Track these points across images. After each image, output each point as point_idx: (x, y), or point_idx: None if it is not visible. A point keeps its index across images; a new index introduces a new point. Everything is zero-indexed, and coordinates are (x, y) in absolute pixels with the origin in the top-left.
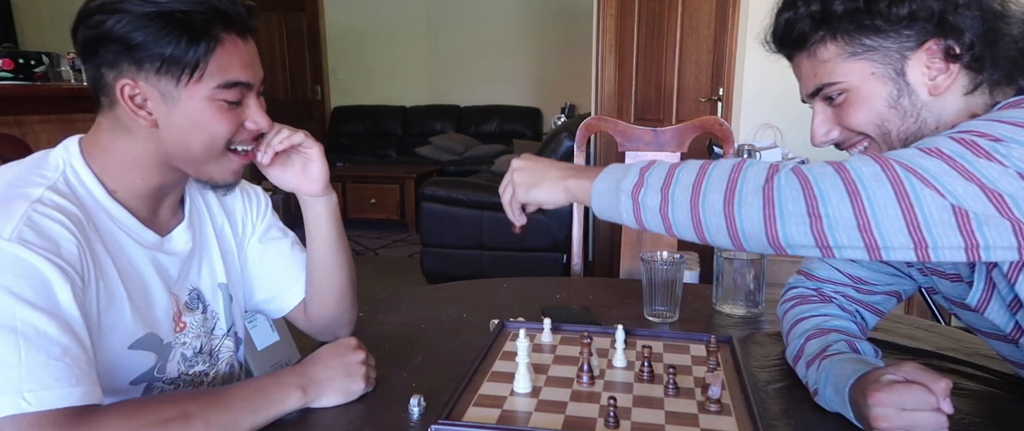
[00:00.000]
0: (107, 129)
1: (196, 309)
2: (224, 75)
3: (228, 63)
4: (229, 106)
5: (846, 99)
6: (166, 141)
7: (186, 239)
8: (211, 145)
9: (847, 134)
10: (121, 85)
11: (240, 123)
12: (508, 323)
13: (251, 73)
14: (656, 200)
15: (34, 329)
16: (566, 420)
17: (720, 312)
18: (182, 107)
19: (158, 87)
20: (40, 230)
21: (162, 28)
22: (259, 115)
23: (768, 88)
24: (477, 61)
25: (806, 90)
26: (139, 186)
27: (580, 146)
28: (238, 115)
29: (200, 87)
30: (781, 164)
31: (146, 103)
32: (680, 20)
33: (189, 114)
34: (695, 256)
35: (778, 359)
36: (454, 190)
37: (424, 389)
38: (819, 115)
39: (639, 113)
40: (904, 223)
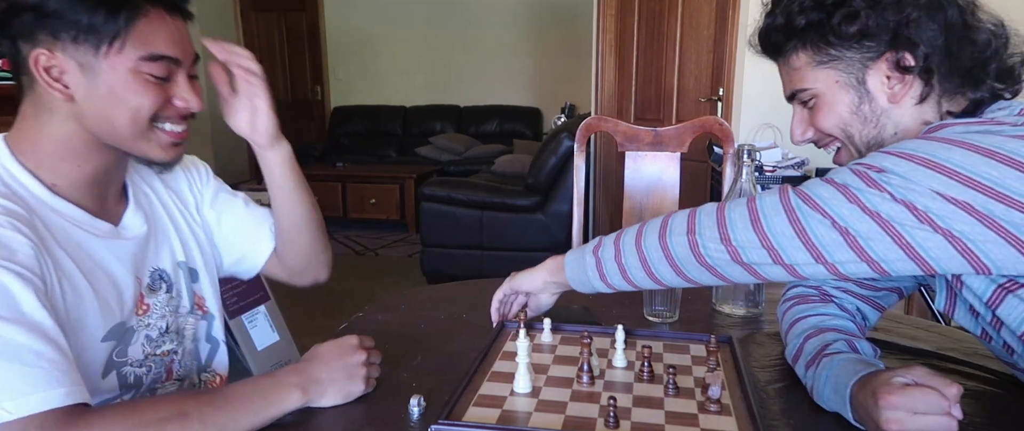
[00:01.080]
0: (30, 116)
1: (159, 290)
2: (149, 48)
3: (153, 37)
4: (155, 81)
5: (816, 104)
6: (88, 117)
7: (139, 222)
8: (135, 118)
9: (820, 135)
10: (35, 56)
11: (167, 99)
12: (508, 323)
13: (179, 50)
14: (611, 252)
15: (2, 340)
16: (566, 420)
17: (720, 312)
18: (104, 79)
19: (76, 57)
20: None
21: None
22: (189, 93)
23: (768, 88)
24: (477, 61)
25: (785, 93)
26: (77, 174)
27: (580, 146)
28: (165, 91)
29: (122, 58)
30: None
31: (62, 76)
32: (680, 20)
33: (111, 86)
34: None
35: (778, 359)
36: (454, 190)
37: (424, 389)
38: (796, 117)
39: (639, 113)
40: (800, 242)
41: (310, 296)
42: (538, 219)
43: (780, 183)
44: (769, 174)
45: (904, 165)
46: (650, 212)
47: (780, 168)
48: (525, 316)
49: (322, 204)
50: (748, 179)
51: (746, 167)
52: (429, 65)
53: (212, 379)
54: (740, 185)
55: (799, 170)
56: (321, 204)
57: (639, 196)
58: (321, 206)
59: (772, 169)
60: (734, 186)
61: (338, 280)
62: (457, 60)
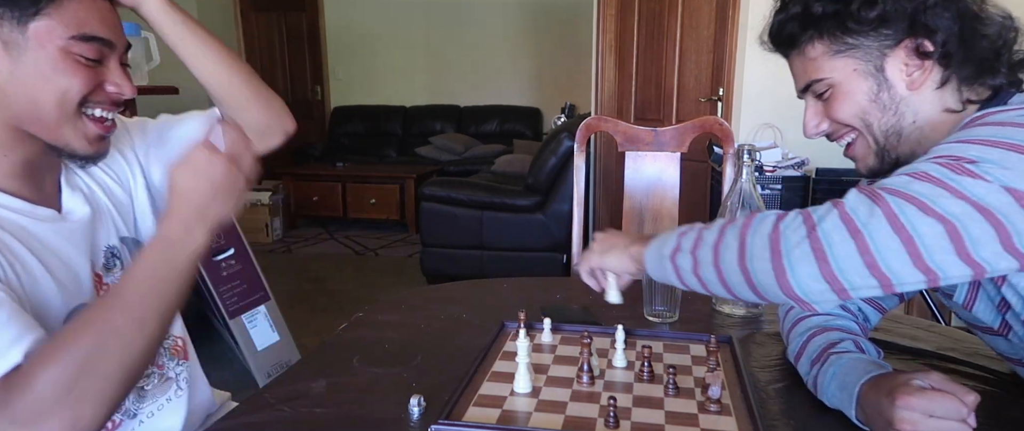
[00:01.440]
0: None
1: (114, 268)
2: (81, 27)
3: (85, 16)
4: (86, 62)
5: (832, 94)
6: (12, 99)
7: (79, 204)
8: (62, 101)
9: (835, 126)
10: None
11: (98, 83)
12: (508, 323)
13: (112, 33)
14: (689, 263)
15: None
16: (566, 420)
17: (720, 312)
18: (31, 57)
19: (2, 34)
20: None
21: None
22: (121, 78)
23: (768, 88)
24: (477, 61)
25: (798, 86)
26: (5, 165)
27: (580, 146)
28: (96, 74)
29: (51, 36)
30: (786, 213)
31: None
32: (680, 20)
33: (38, 65)
34: None
35: (778, 359)
36: (454, 190)
37: (424, 389)
38: (810, 108)
39: (639, 113)
40: (909, 257)
41: (310, 296)
42: (538, 219)
43: (780, 183)
44: (769, 174)
45: (994, 152)
46: (650, 212)
47: (780, 168)
48: (525, 316)
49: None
50: (748, 179)
51: (746, 167)
52: (429, 65)
53: (175, 344)
54: (740, 185)
55: (799, 170)
56: (322, 204)
57: (639, 196)
58: (321, 206)
59: (772, 169)
60: (734, 186)
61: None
62: (457, 60)
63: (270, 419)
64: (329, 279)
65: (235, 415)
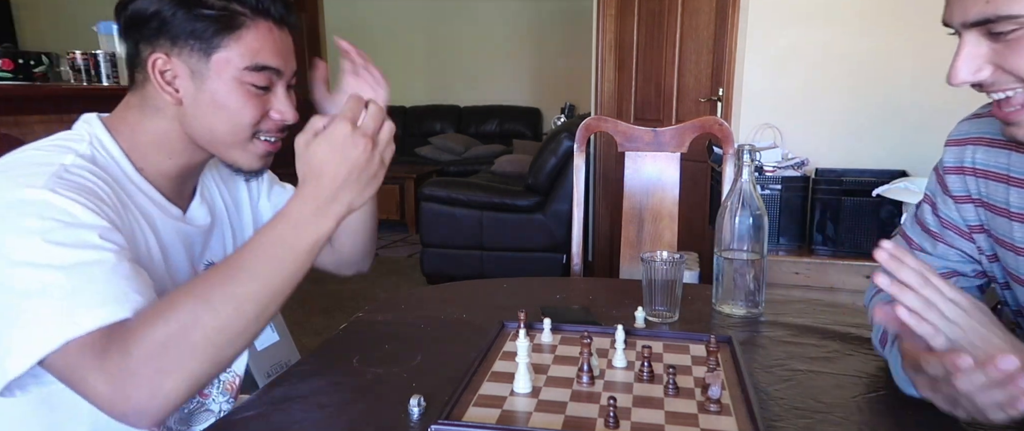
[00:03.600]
0: (135, 107)
1: None
2: (254, 57)
3: (259, 46)
4: (256, 91)
5: (1020, 37)
6: (191, 120)
7: (204, 213)
8: (235, 129)
9: (1002, 77)
10: (153, 59)
11: (265, 111)
12: (508, 323)
13: (282, 61)
14: None
15: (73, 262)
16: (566, 420)
17: (720, 312)
18: (209, 86)
19: (189, 63)
20: (73, 182)
21: (198, 3)
22: (285, 105)
23: (768, 88)
24: (477, 61)
25: (965, 16)
26: (166, 165)
27: (580, 146)
28: (264, 102)
29: (228, 67)
30: None
31: (175, 80)
32: (680, 20)
33: (215, 94)
34: (695, 256)
35: (778, 359)
36: (454, 190)
37: (424, 389)
38: (969, 48)
39: (639, 113)
40: None
41: (310, 296)
42: (538, 219)
43: (780, 183)
44: (769, 174)
45: None
46: (650, 212)
47: (780, 168)
48: (525, 316)
49: None
50: (748, 179)
51: (746, 167)
52: (429, 65)
53: (231, 380)
54: (740, 185)
55: (799, 170)
56: None
57: (639, 196)
58: None
59: (772, 169)
60: (734, 186)
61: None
62: (457, 60)
63: (270, 419)
64: (329, 279)
65: (235, 415)
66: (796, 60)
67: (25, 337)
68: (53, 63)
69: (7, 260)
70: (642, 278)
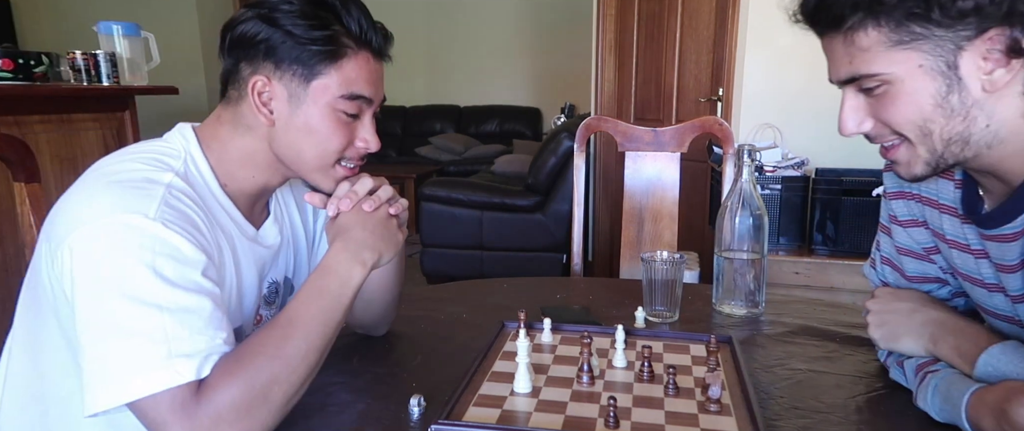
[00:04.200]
0: (228, 123)
1: (273, 303)
2: (350, 87)
3: (355, 76)
4: (346, 118)
5: (886, 92)
6: (281, 142)
7: (275, 233)
8: (322, 154)
9: (882, 129)
10: (254, 81)
11: (352, 139)
12: (508, 323)
13: (374, 90)
14: None
15: (177, 306)
16: (566, 420)
17: (720, 312)
18: (304, 111)
19: (289, 88)
20: (178, 211)
21: (307, 29)
22: (371, 134)
23: (768, 88)
24: (477, 61)
25: (837, 75)
26: (248, 183)
27: (580, 146)
28: (352, 130)
29: (325, 94)
30: None
31: (271, 102)
32: (680, 20)
33: (308, 118)
34: (695, 256)
35: (778, 359)
36: (454, 190)
37: (424, 389)
38: (850, 102)
39: (639, 113)
40: None
41: None
42: (538, 219)
43: (780, 183)
44: (769, 174)
45: None
46: (650, 212)
47: (780, 168)
48: (525, 316)
49: None
50: (749, 179)
51: (746, 167)
52: (429, 65)
53: None
54: (741, 185)
55: (799, 170)
56: None
57: (639, 196)
58: None
59: (772, 169)
60: (734, 186)
61: None
62: (457, 60)
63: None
64: None
65: None
66: (796, 60)
67: (122, 374)
68: (53, 63)
69: (116, 289)
70: (642, 278)
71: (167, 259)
